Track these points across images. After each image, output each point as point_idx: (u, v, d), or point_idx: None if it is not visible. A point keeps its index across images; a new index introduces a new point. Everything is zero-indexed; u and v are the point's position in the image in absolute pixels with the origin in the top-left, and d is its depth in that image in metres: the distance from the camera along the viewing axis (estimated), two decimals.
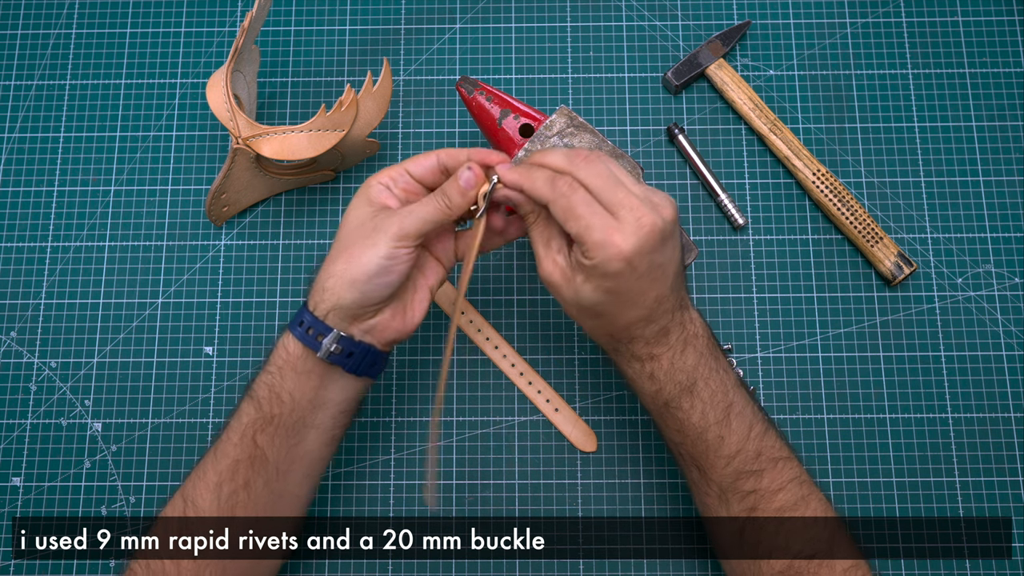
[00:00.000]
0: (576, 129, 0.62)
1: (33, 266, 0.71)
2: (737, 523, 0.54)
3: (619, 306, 0.50)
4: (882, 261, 0.69)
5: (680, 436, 0.54)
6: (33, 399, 0.68)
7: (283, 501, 0.56)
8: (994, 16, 0.75)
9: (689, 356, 0.53)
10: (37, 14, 0.77)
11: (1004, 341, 0.69)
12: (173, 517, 0.54)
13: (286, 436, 0.54)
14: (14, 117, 0.74)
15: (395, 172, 0.54)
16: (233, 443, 0.54)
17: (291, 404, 0.54)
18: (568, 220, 0.49)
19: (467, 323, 0.69)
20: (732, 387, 0.54)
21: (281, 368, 0.54)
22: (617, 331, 0.52)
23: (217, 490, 0.53)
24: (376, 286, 0.52)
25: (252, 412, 0.54)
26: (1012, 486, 0.66)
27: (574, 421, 0.67)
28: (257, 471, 0.54)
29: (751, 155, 0.73)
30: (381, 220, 0.52)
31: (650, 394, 0.54)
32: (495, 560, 0.65)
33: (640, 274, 0.49)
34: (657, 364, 0.52)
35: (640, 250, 0.48)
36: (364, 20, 0.76)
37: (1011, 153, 0.72)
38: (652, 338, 0.52)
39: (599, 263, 0.48)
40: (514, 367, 0.68)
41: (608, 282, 0.49)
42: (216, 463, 0.54)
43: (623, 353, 0.54)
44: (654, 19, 0.76)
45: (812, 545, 0.52)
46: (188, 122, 0.74)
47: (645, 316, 0.51)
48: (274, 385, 0.54)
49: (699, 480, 0.55)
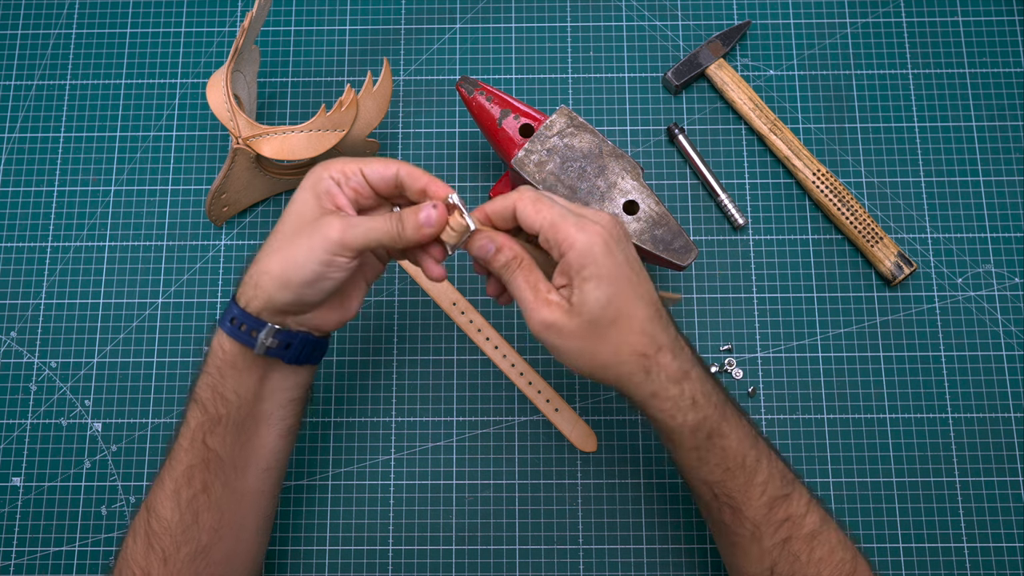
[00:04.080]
0: (576, 129, 0.62)
1: (33, 266, 0.71)
2: (769, 560, 0.51)
3: (624, 296, 0.47)
4: (882, 261, 0.69)
5: (720, 471, 0.51)
6: (33, 399, 0.68)
7: (246, 499, 0.55)
8: (994, 16, 0.75)
9: (707, 377, 0.51)
10: (37, 14, 0.77)
11: (1004, 341, 0.69)
12: (140, 527, 0.53)
13: (236, 434, 0.53)
14: (14, 117, 0.74)
15: (349, 169, 0.50)
16: (184, 448, 0.53)
17: (236, 402, 0.53)
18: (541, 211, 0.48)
19: (467, 323, 0.69)
20: (739, 408, 0.53)
21: (220, 368, 0.52)
22: (639, 337, 0.48)
23: (175, 497, 0.52)
24: (311, 291, 0.50)
25: (198, 415, 0.53)
26: (1012, 486, 0.66)
27: (574, 421, 0.67)
28: (214, 473, 0.53)
29: (751, 155, 0.73)
30: (325, 223, 0.48)
31: (694, 426, 0.49)
32: (495, 560, 0.65)
33: (621, 260, 0.48)
34: (693, 384, 0.49)
35: (611, 231, 0.48)
36: (364, 20, 0.76)
37: (1011, 153, 0.72)
38: (674, 347, 0.49)
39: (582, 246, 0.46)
40: (514, 367, 0.68)
41: (602, 268, 0.47)
42: (171, 471, 0.53)
43: (657, 378, 0.49)
44: (654, 19, 0.76)
45: (839, 569, 0.51)
46: (188, 122, 0.74)
47: (655, 313, 0.49)
48: (216, 386, 0.52)
49: (731, 521, 0.52)
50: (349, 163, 0.50)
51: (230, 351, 0.52)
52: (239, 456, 0.54)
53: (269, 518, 0.59)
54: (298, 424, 0.57)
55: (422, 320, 0.70)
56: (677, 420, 0.49)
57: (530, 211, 0.48)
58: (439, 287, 0.70)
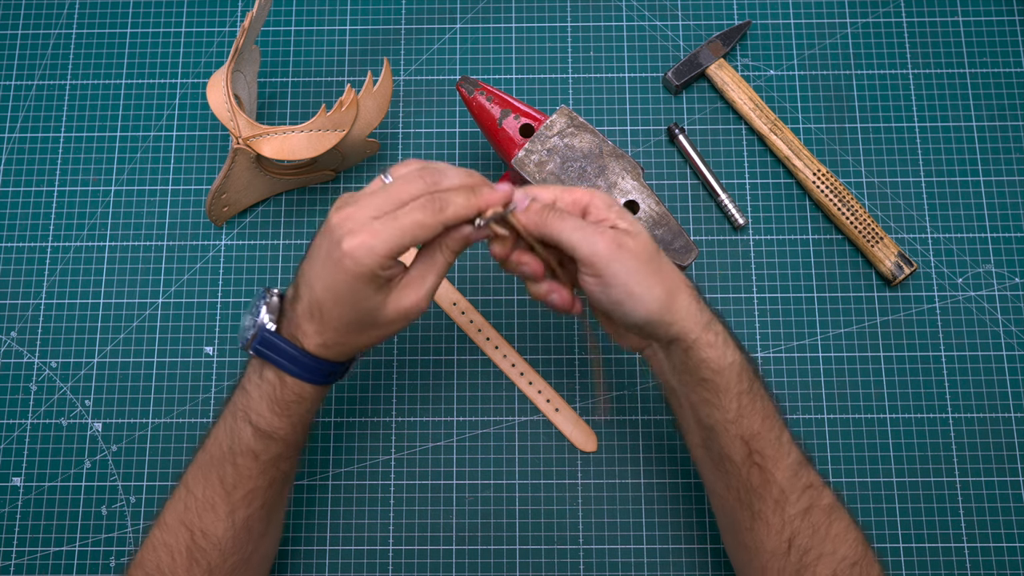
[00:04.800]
0: (576, 129, 0.62)
1: (33, 266, 0.71)
2: (789, 530, 0.51)
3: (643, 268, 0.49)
4: (882, 261, 0.69)
5: (760, 419, 0.51)
6: (33, 399, 0.68)
7: (285, 497, 0.58)
8: (994, 16, 0.75)
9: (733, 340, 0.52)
10: (37, 14, 0.77)
11: (1004, 341, 0.69)
12: (180, 544, 0.53)
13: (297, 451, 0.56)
14: (14, 117, 0.74)
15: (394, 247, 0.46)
16: (252, 477, 0.52)
17: (301, 425, 0.54)
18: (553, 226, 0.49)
19: (467, 323, 0.69)
20: None
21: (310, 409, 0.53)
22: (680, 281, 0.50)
23: (231, 517, 0.52)
24: None
25: (276, 449, 0.52)
26: (1012, 486, 0.66)
27: (574, 421, 0.67)
28: (276, 490, 0.54)
29: (751, 155, 0.73)
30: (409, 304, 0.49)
31: (741, 365, 0.50)
32: (495, 560, 0.65)
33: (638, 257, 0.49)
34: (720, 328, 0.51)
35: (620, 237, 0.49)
36: (364, 20, 0.76)
37: (1011, 153, 0.72)
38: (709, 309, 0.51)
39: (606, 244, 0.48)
40: (514, 367, 0.68)
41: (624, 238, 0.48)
42: (228, 496, 0.52)
43: (706, 310, 0.50)
44: (654, 19, 0.76)
45: (854, 550, 0.51)
46: (188, 122, 0.74)
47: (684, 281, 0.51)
48: (303, 421, 0.53)
49: (759, 484, 0.51)
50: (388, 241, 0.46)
51: (309, 390, 0.52)
52: None
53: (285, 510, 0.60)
54: None
55: (422, 320, 0.70)
56: (727, 358, 0.49)
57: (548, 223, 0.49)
58: (439, 287, 0.70)
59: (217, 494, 0.52)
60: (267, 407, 0.51)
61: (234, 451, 0.52)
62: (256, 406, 0.52)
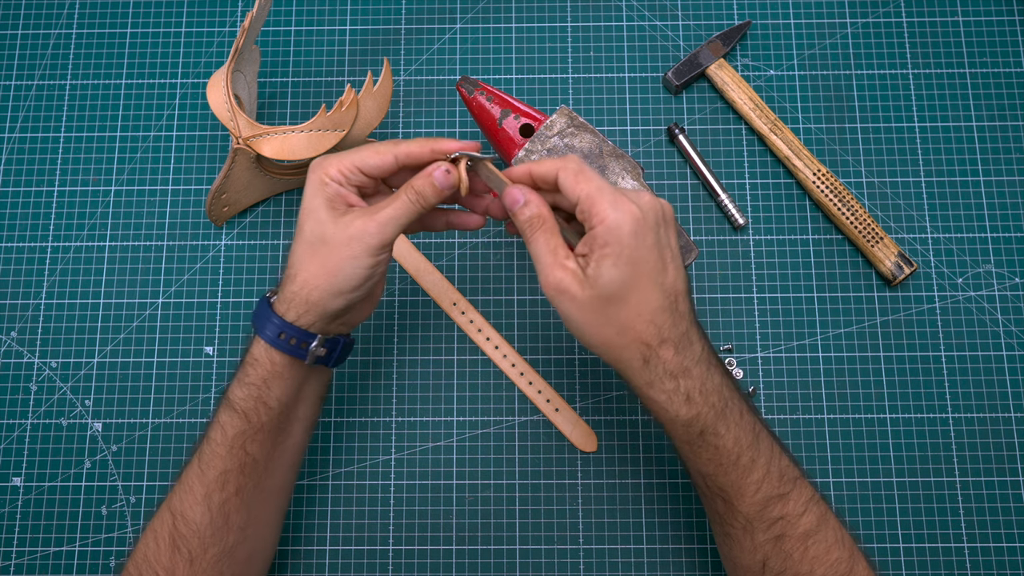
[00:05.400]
0: (576, 129, 0.62)
1: (33, 266, 0.71)
2: (761, 553, 0.51)
3: (640, 281, 0.47)
4: (882, 261, 0.69)
5: (712, 466, 0.51)
6: (33, 399, 0.68)
7: (272, 497, 0.57)
8: (994, 16, 0.75)
9: (715, 374, 0.51)
10: (37, 14, 0.77)
11: (1004, 341, 0.69)
12: (164, 530, 0.54)
13: (274, 437, 0.55)
14: (14, 117, 0.74)
15: (346, 167, 0.51)
16: (221, 456, 0.53)
17: (278, 408, 0.54)
18: (580, 183, 0.48)
19: (467, 323, 0.69)
20: (749, 407, 0.53)
21: (265, 379, 0.53)
22: (646, 326, 0.48)
23: (207, 501, 0.53)
24: (360, 292, 0.52)
25: (238, 424, 0.53)
26: (1012, 486, 0.66)
27: (574, 421, 0.67)
28: (248, 476, 0.54)
29: (751, 155, 0.73)
30: (355, 229, 0.50)
31: (686, 421, 0.50)
32: (495, 560, 0.65)
33: (650, 244, 0.47)
34: (691, 382, 0.49)
35: (647, 215, 0.48)
36: (364, 20, 0.76)
37: (1011, 153, 0.72)
38: (680, 343, 0.49)
39: (611, 223, 0.46)
40: (514, 367, 0.68)
41: (624, 248, 0.47)
42: (202, 476, 0.54)
43: (655, 369, 0.49)
44: (654, 19, 0.76)
45: (835, 568, 0.51)
46: (188, 122, 0.74)
47: (669, 305, 0.48)
48: (260, 396, 0.53)
49: (724, 512, 0.52)
50: (343, 160, 0.51)
51: (279, 363, 0.53)
52: (272, 457, 0.56)
53: (285, 514, 0.61)
54: (318, 419, 0.60)
55: (422, 320, 0.70)
56: (670, 413, 0.50)
57: (571, 180, 0.48)
58: (439, 287, 0.70)
59: (194, 474, 0.54)
60: (237, 377, 0.54)
61: (209, 426, 0.55)
62: (232, 379, 0.55)
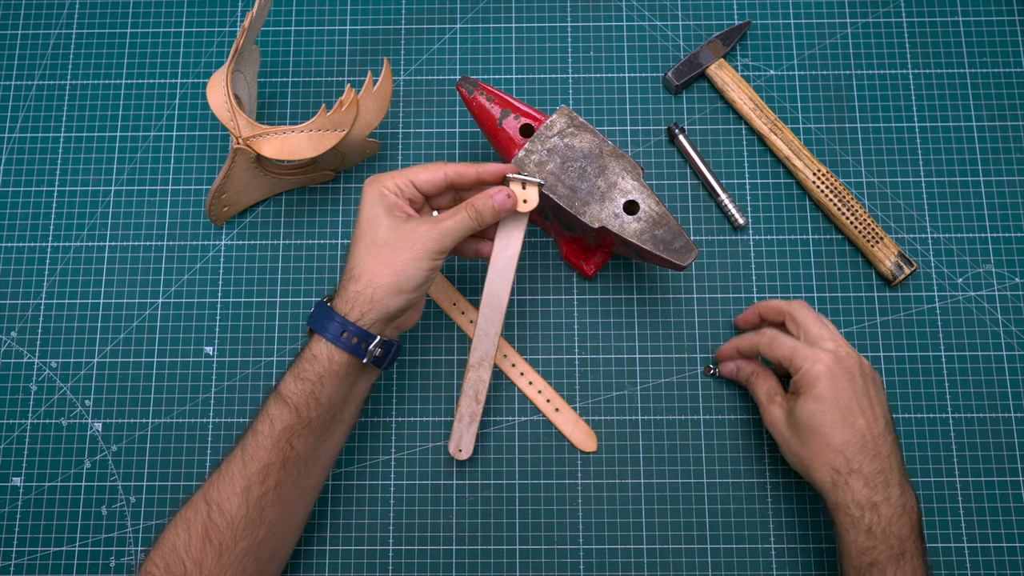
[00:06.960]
0: (576, 129, 0.62)
1: (33, 266, 0.71)
2: None
3: (831, 416, 0.56)
4: (882, 261, 0.69)
5: None
6: (33, 399, 0.68)
7: (305, 495, 0.59)
8: (994, 16, 0.75)
9: (905, 524, 0.55)
10: (37, 14, 0.77)
11: (1004, 341, 0.69)
12: (197, 520, 0.54)
13: (319, 434, 0.57)
14: (14, 117, 0.74)
15: (401, 181, 0.57)
16: (266, 448, 0.55)
17: (328, 406, 0.56)
18: (775, 348, 0.59)
19: (467, 323, 0.69)
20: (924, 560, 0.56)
21: (322, 376, 0.55)
22: (834, 454, 0.56)
23: (246, 493, 0.54)
24: (418, 293, 0.56)
25: (288, 418, 0.55)
26: (1012, 486, 0.66)
27: (574, 421, 0.67)
28: (289, 471, 0.56)
29: (751, 155, 0.73)
30: (419, 234, 0.55)
31: (860, 551, 0.55)
32: (495, 560, 0.65)
33: (842, 386, 0.56)
34: (876, 517, 0.55)
35: (838, 363, 0.57)
36: (364, 20, 0.76)
37: (1011, 153, 0.72)
38: (872, 478, 0.55)
39: (807, 370, 0.57)
40: (515, 367, 0.68)
41: (818, 389, 0.56)
42: (245, 467, 0.55)
43: (843, 494, 0.55)
44: (654, 19, 0.76)
45: None
46: (188, 122, 0.74)
47: (858, 441, 0.56)
48: (314, 392, 0.55)
49: None
50: (398, 176, 0.57)
51: (338, 361, 0.55)
52: (313, 455, 0.57)
53: (309, 517, 0.62)
54: (356, 426, 0.61)
55: (422, 320, 0.70)
56: (849, 536, 0.56)
57: (768, 350, 0.61)
58: (439, 287, 0.70)
59: (236, 465, 0.55)
60: (291, 372, 0.56)
61: (257, 418, 0.56)
62: (285, 375, 0.57)
